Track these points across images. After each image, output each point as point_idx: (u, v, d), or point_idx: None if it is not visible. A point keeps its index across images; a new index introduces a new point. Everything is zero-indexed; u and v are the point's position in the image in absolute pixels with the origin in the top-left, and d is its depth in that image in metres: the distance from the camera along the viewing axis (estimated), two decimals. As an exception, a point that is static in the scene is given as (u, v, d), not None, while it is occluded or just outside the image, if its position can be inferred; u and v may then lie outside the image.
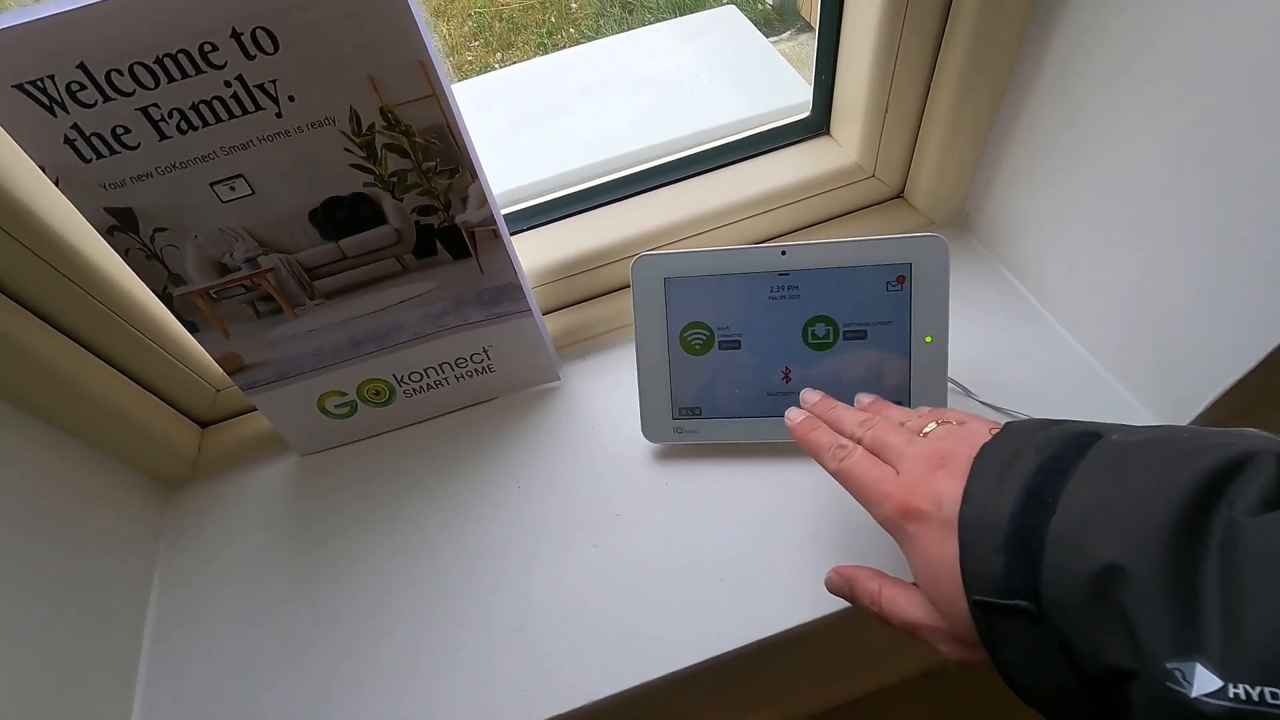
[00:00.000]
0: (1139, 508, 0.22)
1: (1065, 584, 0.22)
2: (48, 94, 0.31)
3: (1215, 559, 0.20)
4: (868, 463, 0.32)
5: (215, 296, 0.40)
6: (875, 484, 0.31)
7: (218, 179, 0.36)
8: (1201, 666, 0.19)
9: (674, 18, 1.15)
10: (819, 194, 0.53)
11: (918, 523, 0.28)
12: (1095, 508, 0.23)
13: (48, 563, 0.40)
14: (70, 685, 0.39)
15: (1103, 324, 0.45)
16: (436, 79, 0.35)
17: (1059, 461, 0.25)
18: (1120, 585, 0.21)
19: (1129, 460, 0.23)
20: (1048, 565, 0.23)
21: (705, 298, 0.43)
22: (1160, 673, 0.20)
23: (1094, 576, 0.22)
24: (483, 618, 0.42)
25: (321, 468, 0.51)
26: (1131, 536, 0.21)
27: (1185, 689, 0.19)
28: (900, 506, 0.29)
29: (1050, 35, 0.41)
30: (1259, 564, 0.19)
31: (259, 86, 0.33)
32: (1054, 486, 0.24)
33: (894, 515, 0.29)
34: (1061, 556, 0.23)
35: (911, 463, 0.30)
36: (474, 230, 0.41)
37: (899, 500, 0.29)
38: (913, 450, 0.31)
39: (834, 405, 0.37)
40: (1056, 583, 0.23)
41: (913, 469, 0.30)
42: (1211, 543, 0.20)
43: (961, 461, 0.28)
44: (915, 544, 0.28)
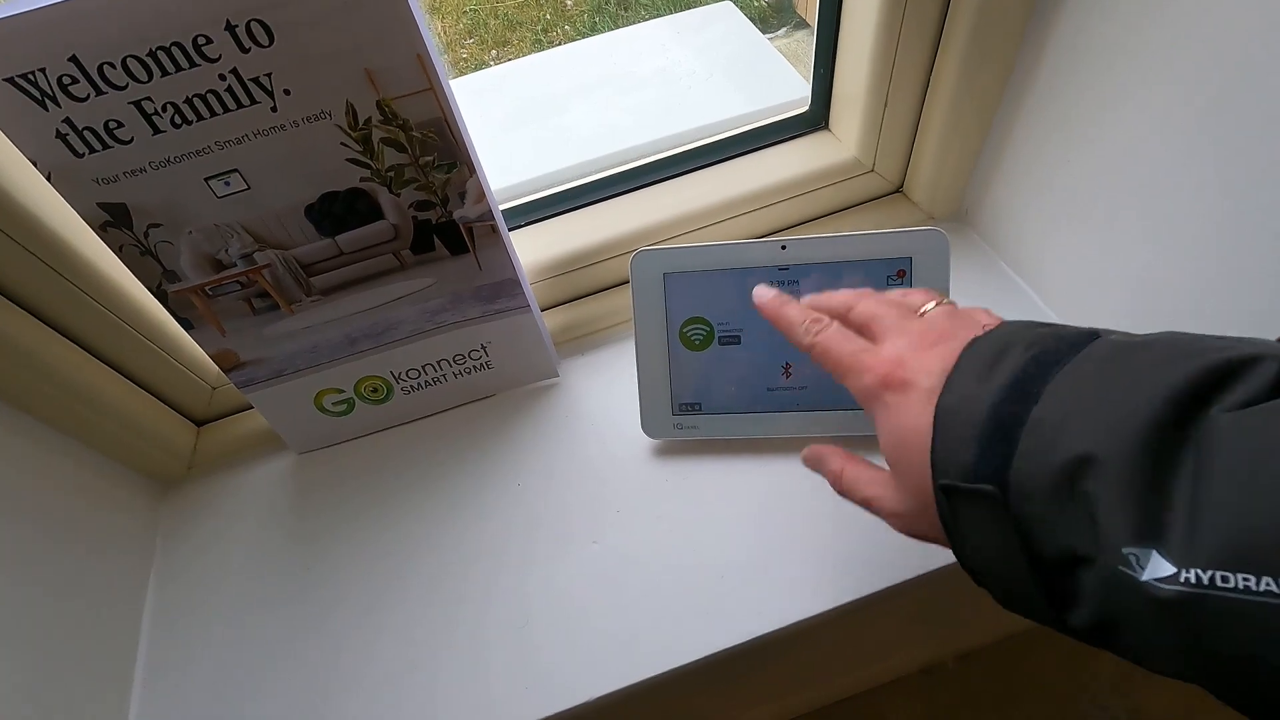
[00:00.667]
0: (1122, 401, 0.21)
1: (1034, 470, 0.22)
2: (39, 87, 0.31)
3: (1191, 456, 0.20)
4: (845, 337, 0.30)
5: (210, 293, 0.40)
6: (855, 355, 0.29)
7: (212, 174, 0.35)
8: (1158, 554, 0.19)
9: (670, 14, 1.15)
10: (818, 189, 0.53)
11: (899, 392, 0.27)
12: (1079, 399, 0.22)
13: (44, 561, 0.40)
14: (67, 683, 0.39)
15: (1103, 319, 0.45)
16: (434, 72, 0.34)
17: (1051, 354, 0.24)
18: (1090, 474, 0.21)
19: (1122, 357, 0.23)
20: (1020, 453, 0.22)
21: (705, 293, 0.43)
22: (1115, 557, 0.20)
23: (1065, 465, 0.21)
24: (482, 615, 0.42)
25: (319, 466, 0.50)
26: (1109, 430, 0.21)
27: (1136, 573, 0.19)
28: (883, 376, 0.28)
29: (1050, 29, 0.41)
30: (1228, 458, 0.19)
31: (254, 80, 0.33)
32: (1041, 378, 0.23)
33: (874, 385, 0.28)
34: (1036, 444, 0.22)
35: (903, 337, 0.29)
36: (472, 226, 0.41)
37: (882, 371, 0.28)
38: (906, 324, 0.29)
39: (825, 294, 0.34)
40: (1025, 469, 0.22)
41: (903, 342, 0.28)
42: (1189, 444, 0.20)
43: (956, 344, 0.27)
44: (891, 413, 0.27)
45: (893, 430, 0.27)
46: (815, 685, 0.78)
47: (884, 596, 0.40)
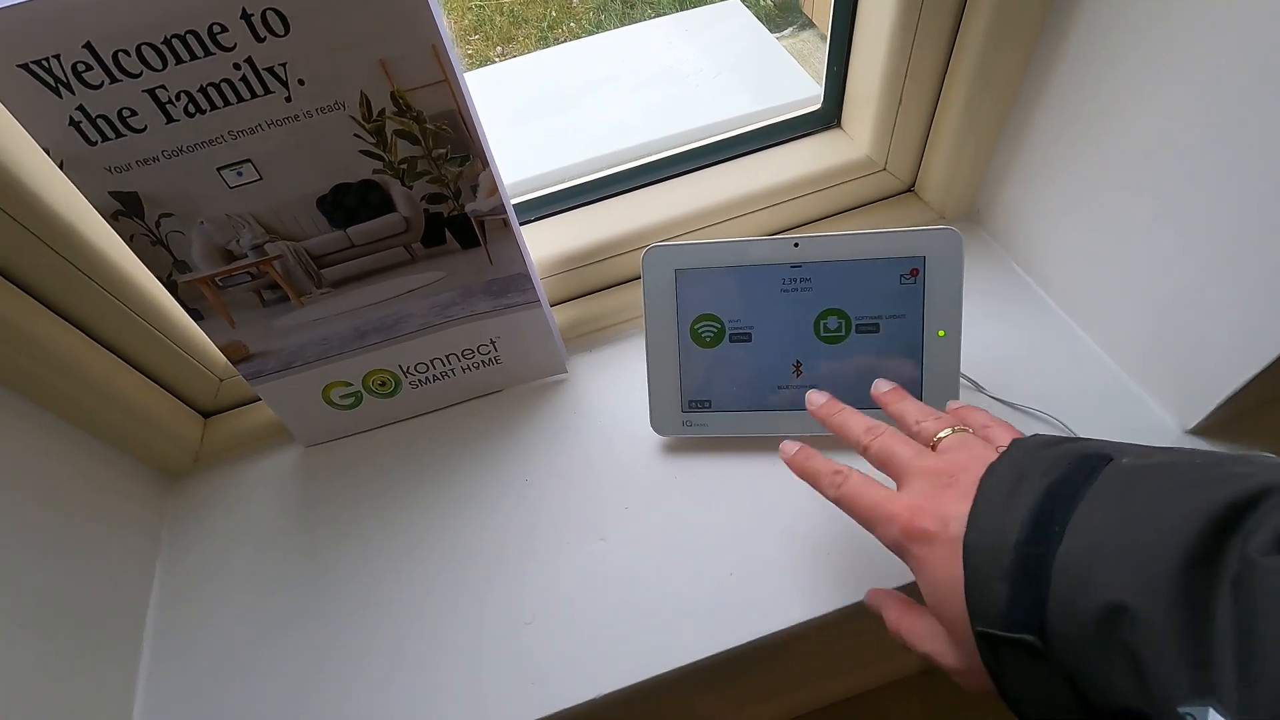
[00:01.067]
0: (1148, 542, 0.21)
1: (1071, 620, 0.22)
2: (53, 74, 0.30)
3: (1228, 599, 0.19)
4: (866, 486, 0.31)
5: (221, 284, 0.40)
6: (877, 506, 0.30)
7: (225, 164, 0.35)
8: (1215, 712, 0.18)
9: (676, 12, 1.14)
10: (830, 187, 0.52)
11: (924, 544, 0.27)
12: (1104, 539, 0.22)
13: (51, 551, 0.40)
14: (73, 672, 0.39)
15: (1115, 319, 0.45)
16: (449, 64, 0.34)
17: (1067, 485, 0.24)
18: (1127, 625, 0.20)
19: (1140, 487, 0.22)
20: (1054, 598, 0.22)
21: (716, 290, 0.43)
22: (1172, 717, 0.19)
23: (1100, 614, 0.21)
24: (489, 610, 0.42)
25: (326, 459, 0.50)
26: (1139, 573, 0.20)
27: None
28: (905, 527, 0.28)
29: (1069, 25, 0.40)
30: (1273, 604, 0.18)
31: (268, 69, 0.32)
32: (1062, 513, 0.23)
33: (899, 537, 0.28)
34: (1067, 590, 0.22)
35: (918, 480, 0.29)
36: (484, 219, 0.41)
37: (903, 521, 0.28)
38: (920, 464, 0.30)
39: (840, 409, 0.36)
40: (1062, 618, 0.22)
41: (919, 487, 0.29)
42: (1224, 581, 0.19)
43: (971, 479, 0.27)
44: (923, 567, 0.27)
45: (929, 585, 0.27)
46: (818, 684, 0.78)
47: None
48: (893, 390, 0.37)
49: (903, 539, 0.28)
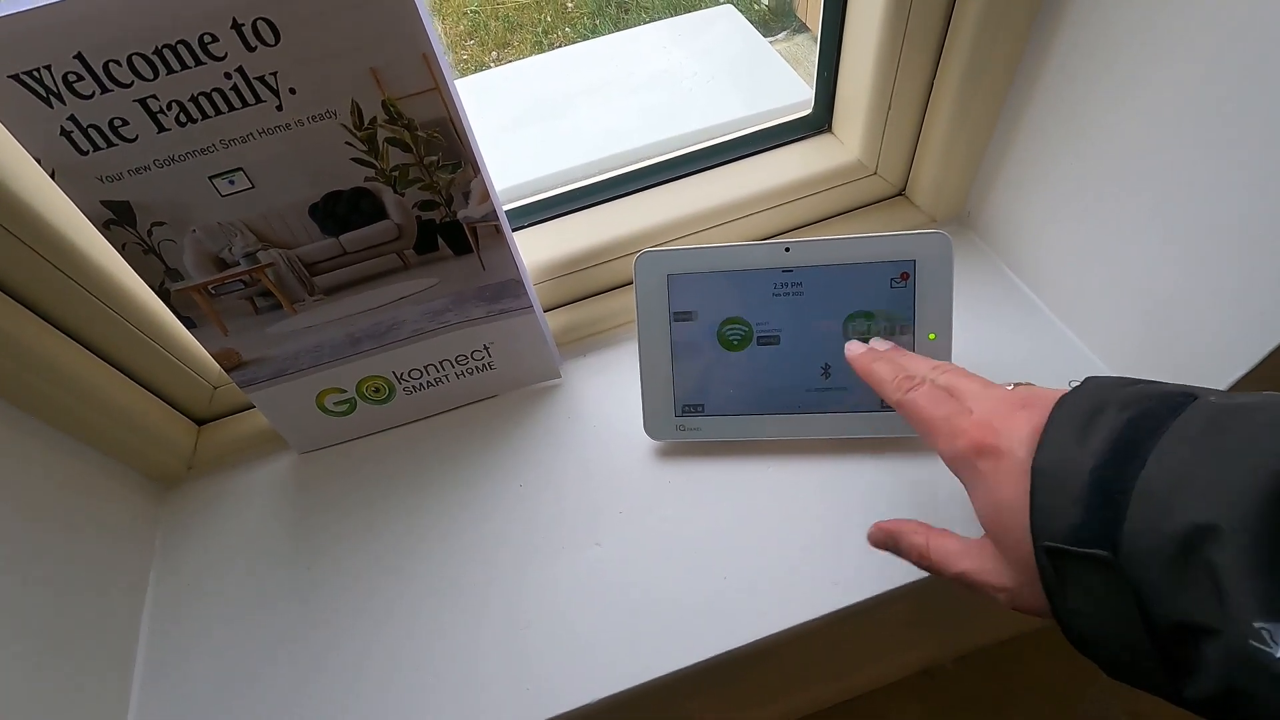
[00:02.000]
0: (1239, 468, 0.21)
1: (1149, 537, 0.22)
2: (44, 84, 0.31)
3: None
4: (937, 395, 0.30)
5: (213, 292, 0.40)
6: (947, 419, 0.29)
7: (217, 172, 0.35)
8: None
9: (670, 17, 1.15)
10: (821, 191, 0.53)
11: (992, 459, 0.26)
12: (1191, 465, 0.22)
13: (44, 560, 0.40)
14: (67, 681, 0.39)
15: (1105, 321, 0.45)
16: (439, 72, 0.34)
17: (1151, 419, 0.23)
18: (1212, 544, 0.20)
19: (1228, 421, 0.22)
20: (1132, 518, 0.22)
21: (708, 294, 0.43)
22: (1246, 630, 0.19)
23: (1185, 532, 0.21)
24: (484, 616, 0.42)
25: (320, 466, 0.50)
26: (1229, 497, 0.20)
27: (1270, 648, 0.19)
28: (975, 442, 0.27)
29: (1056, 32, 0.41)
30: None
31: (259, 78, 0.33)
32: (1145, 443, 0.23)
33: (966, 451, 0.27)
34: (1149, 511, 0.22)
35: (990, 402, 0.28)
36: (476, 226, 0.41)
37: (974, 435, 0.27)
38: (991, 393, 0.29)
39: (904, 352, 0.35)
40: (1140, 536, 0.22)
41: (991, 406, 0.28)
42: None
43: (1047, 404, 0.26)
44: (987, 482, 0.27)
45: (989, 500, 0.27)
46: (815, 687, 0.78)
47: (885, 599, 0.40)
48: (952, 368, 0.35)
49: (970, 453, 0.27)
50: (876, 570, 0.40)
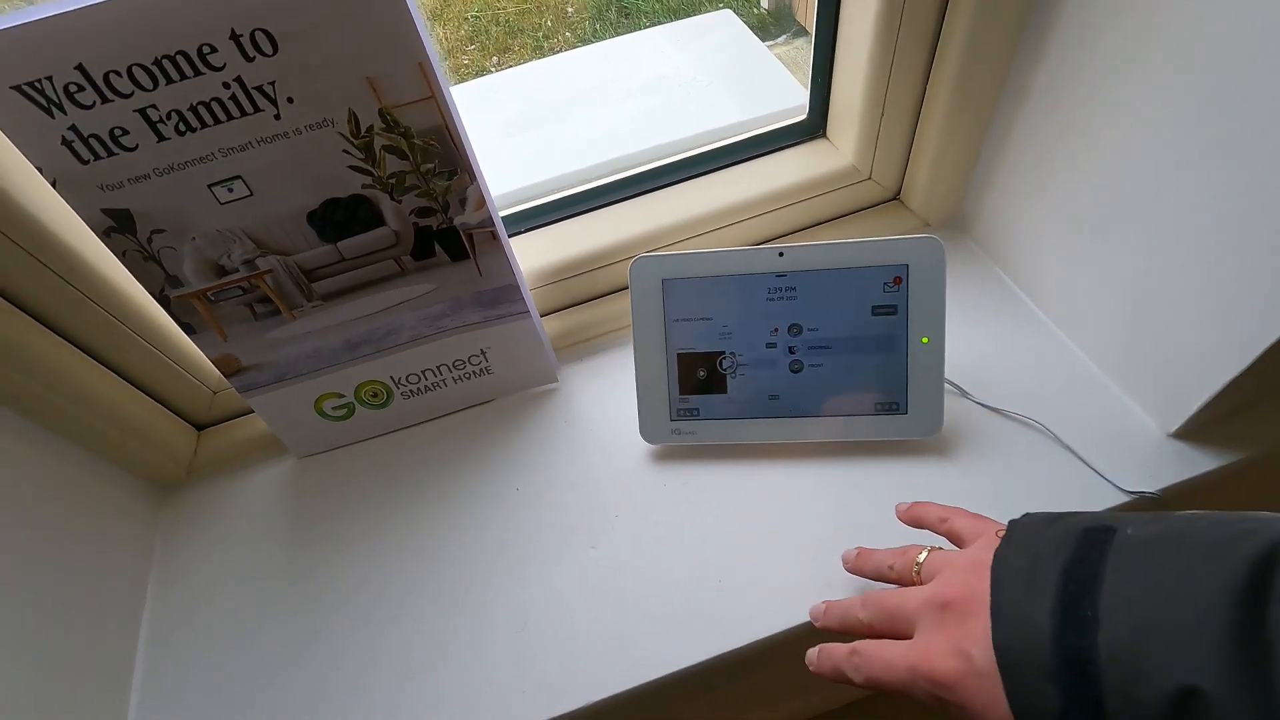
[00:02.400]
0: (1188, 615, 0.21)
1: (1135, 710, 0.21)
2: (45, 95, 0.31)
3: None
4: (877, 650, 0.30)
5: (213, 298, 0.40)
6: (894, 666, 0.29)
7: (216, 180, 0.36)
8: None
9: (670, 22, 1.16)
10: (816, 196, 0.53)
11: (954, 688, 0.26)
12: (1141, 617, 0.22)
13: (43, 566, 0.40)
14: (65, 689, 0.39)
15: (1098, 324, 0.45)
16: (435, 80, 0.35)
17: (1084, 565, 0.24)
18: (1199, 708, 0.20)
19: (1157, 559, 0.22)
20: (1110, 691, 0.22)
21: (703, 299, 0.44)
22: None
23: (1169, 699, 0.20)
24: (481, 619, 0.42)
25: (319, 470, 0.51)
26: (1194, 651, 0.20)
27: None
28: (928, 678, 0.27)
29: (1045, 41, 0.41)
30: None
31: (257, 88, 0.33)
32: (1089, 596, 0.23)
33: (930, 691, 0.27)
34: (1123, 681, 0.21)
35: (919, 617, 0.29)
36: (472, 232, 0.41)
37: (924, 672, 0.27)
38: (915, 601, 0.29)
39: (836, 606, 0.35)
40: (1124, 709, 0.21)
41: (924, 624, 0.28)
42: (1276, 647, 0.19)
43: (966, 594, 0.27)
44: (965, 710, 0.26)
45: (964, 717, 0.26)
46: (814, 692, 0.78)
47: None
48: (858, 555, 0.37)
49: (933, 691, 0.27)
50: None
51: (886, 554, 0.35)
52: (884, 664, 0.29)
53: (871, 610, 0.32)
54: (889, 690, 0.30)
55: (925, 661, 0.27)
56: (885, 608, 0.31)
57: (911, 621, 0.30)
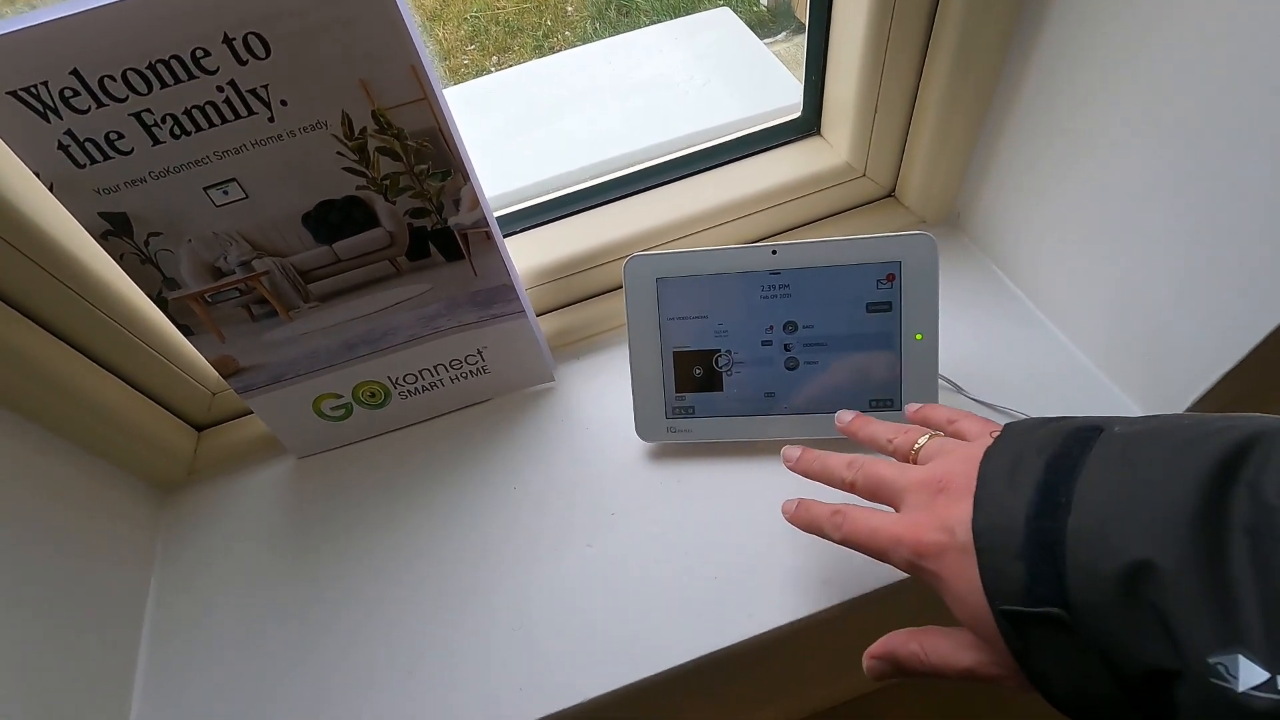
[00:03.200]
0: (1156, 499, 0.21)
1: (1093, 585, 0.22)
2: (41, 100, 0.31)
3: (1243, 544, 0.19)
4: (866, 516, 0.31)
5: (210, 300, 0.41)
6: (879, 532, 0.30)
7: (211, 183, 0.36)
8: (1244, 658, 0.18)
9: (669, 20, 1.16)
10: (810, 194, 0.53)
11: (935, 558, 0.27)
12: (1111, 502, 0.22)
13: (43, 567, 0.40)
14: (66, 692, 0.39)
15: (1092, 320, 0.45)
16: (428, 82, 0.35)
17: (1065, 459, 0.24)
18: (1150, 581, 0.20)
19: (1136, 452, 0.23)
20: (1072, 566, 0.22)
21: (698, 297, 0.44)
22: (1203, 668, 0.19)
23: (1122, 574, 0.21)
24: (479, 617, 0.42)
25: (318, 470, 0.51)
26: (1154, 529, 0.21)
27: (1231, 683, 0.18)
28: (912, 547, 0.28)
29: (1035, 39, 0.41)
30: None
31: (251, 91, 0.33)
32: (1066, 484, 0.24)
33: (911, 557, 0.28)
34: (1085, 556, 0.22)
35: (911, 495, 0.29)
36: (466, 232, 0.42)
37: (909, 541, 0.28)
38: (908, 479, 0.30)
39: (816, 456, 0.36)
40: (1084, 584, 0.22)
41: (914, 502, 0.29)
42: (1235, 528, 0.20)
43: (960, 480, 0.28)
44: (940, 579, 0.27)
45: (951, 595, 0.27)
46: (814, 688, 0.78)
47: (878, 597, 0.40)
48: (856, 419, 0.38)
49: (914, 558, 0.28)
50: (866, 569, 0.40)
51: (887, 427, 0.35)
52: (869, 529, 0.30)
53: (859, 473, 0.33)
54: (864, 551, 0.31)
55: (912, 533, 0.28)
56: (877, 476, 0.32)
57: (900, 496, 0.30)
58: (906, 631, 0.31)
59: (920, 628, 0.30)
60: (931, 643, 0.29)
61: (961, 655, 0.28)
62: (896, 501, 0.31)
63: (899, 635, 0.31)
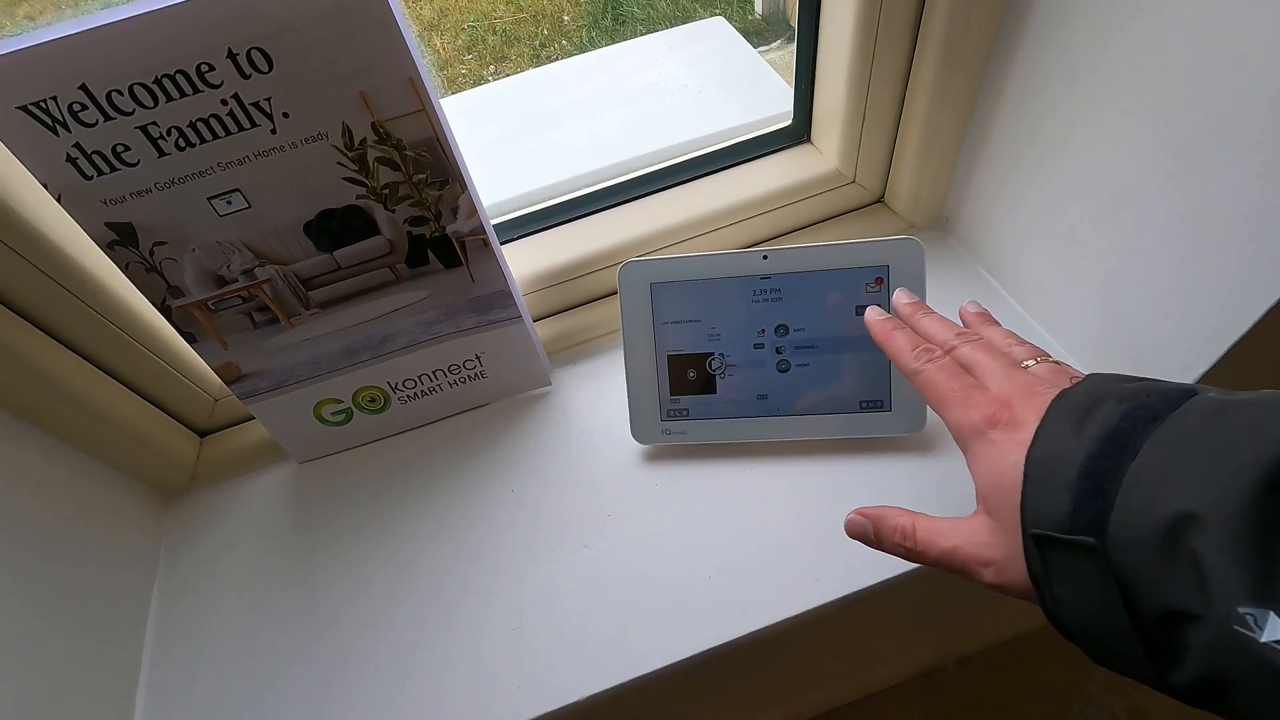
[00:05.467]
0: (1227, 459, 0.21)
1: (1135, 524, 0.22)
2: (50, 114, 0.32)
3: None
4: (954, 369, 0.30)
5: (213, 308, 0.42)
6: (963, 390, 0.29)
7: (215, 194, 0.37)
8: (1276, 615, 0.18)
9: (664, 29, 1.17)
10: (801, 200, 0.54)
11: (1005, 430, 0.27)
12: (1180, 456, 0.22)
13: (47, 573, 0.41)
14: (70, 697, 0.40)
15: (1077, 320, 0.46)
16: (426, 94, 0.36)
17: (1147, 411, 0.24)
18: (1195, 531, 0.20)
19: (1221, 416, 0.22)
20: (1120, 506, 0.22)
21: (691, 302, 0.45)
22: (1230, 615, 0.19)
23: (1169, 520, 0.21)
24: (478, 618, 0.43)
25: (319, 475, 0.52)
26: (1214, 486, 0.21)
27: (1254, 633, 0.19)
28: (988, 415, 0.27)
29: (1017, 47, 0.42)
30: None
31: (254, 104, 0.34)
32: (1138, 433, 0.23)
33: (980, 421, 0.28)
34: (1135, 498, 0.22)
35: (1008, 382, 0.29)
36: (464, 240, 0.42)
37: (987, 409, 0.28)
38: (1011, 375, 0.29)
39: (928, 312, 0.35)
40: (1125, 523, 0.22)
41: (1009, 386, 0.28)
42: None
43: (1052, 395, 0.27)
44: (994, 449, 0.27)
45: (992, 468, 0.27)
46: (813, 690, 0.78)
47: (872, 594, 0.41)
48: (979, 313, 0.36)
49: (983, 423, 0.27)
50: (858, 566, 0.41)
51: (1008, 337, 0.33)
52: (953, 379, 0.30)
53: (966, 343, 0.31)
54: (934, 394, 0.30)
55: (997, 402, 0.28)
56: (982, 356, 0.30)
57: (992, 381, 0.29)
58: (901, 508, 0.31)
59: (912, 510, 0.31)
60: (926, 521, 0.30)
61: (951, 536, 0.28)
62: (988, 380, 0.29)
63: (895, 509, 0.31)
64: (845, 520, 0.33)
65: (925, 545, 0.30)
